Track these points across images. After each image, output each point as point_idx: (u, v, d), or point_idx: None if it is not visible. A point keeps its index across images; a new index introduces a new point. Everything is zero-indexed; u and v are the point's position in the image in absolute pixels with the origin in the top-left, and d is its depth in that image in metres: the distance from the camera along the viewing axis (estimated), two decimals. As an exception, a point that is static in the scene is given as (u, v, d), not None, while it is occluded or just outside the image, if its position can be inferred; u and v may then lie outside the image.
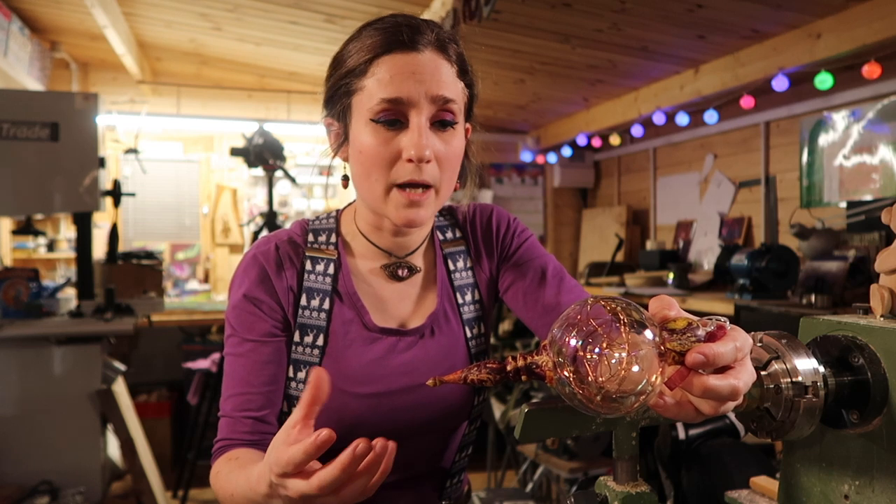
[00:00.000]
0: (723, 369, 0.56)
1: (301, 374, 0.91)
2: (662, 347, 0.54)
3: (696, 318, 0.57)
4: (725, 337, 0.56)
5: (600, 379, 0.53)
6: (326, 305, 0.93)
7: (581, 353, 0.54)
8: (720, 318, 0.57)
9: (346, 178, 0.95)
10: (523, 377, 0.60)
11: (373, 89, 0.84)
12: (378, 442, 0.62)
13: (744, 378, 0.56)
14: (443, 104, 0.85)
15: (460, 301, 1.00)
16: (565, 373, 0.55)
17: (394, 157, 0.84)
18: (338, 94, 0.90)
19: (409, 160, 0.83)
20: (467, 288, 1.01)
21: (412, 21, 0.88)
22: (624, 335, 0.53)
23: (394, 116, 0.84)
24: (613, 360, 0.53)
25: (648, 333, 0.54)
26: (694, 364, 0.54)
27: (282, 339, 0.91)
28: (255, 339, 0.90)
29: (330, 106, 0.93)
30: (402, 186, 0.85)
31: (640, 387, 0.53)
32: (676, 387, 0.56)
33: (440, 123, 0.86)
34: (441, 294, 0.99)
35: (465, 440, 1.02)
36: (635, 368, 0.52)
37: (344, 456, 0.60)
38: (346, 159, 0.93)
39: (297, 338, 0.92)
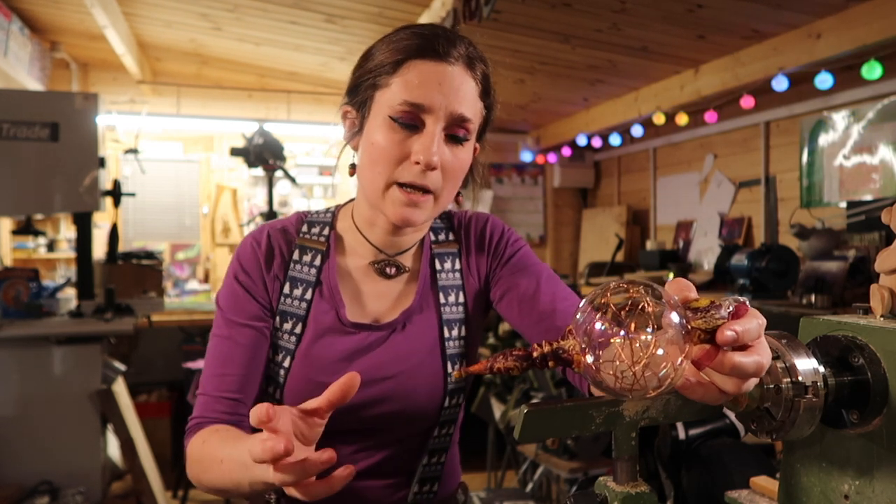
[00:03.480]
0: (743, 347, 0.56)
1: (279, 358, 0.94)
2: (689, 326, 0.54)
3: (716, 298, 0.58)
4: (748, 314, 0.56)
5: (628, 362, 0.53)
6: (308, 296, 0.96)
7: (607, 337, 0.54)
8: (738, 297, 0.58)
9: (353, 167, 0.97)
10: (550, 363, 0.60)
11: (398, 89, 0.87)
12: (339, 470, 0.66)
13: (765, 354, 0.57)
14: (460, 121, 0.88)
15: (442, 301, 1.00)
16: (592, 356, 0.55)
17: (402, 157, 0.87)
18: (363, 85, 0.92)
19: (417, 163, 0.86)
20: (452, 289, 1.02)
21: (449, 34, 0.91)
22: (650, 316, 0.53)
23: (412, 119, 0.86)
24: (639, 343, 0.53)
25: (674, 314, 0.54)
26: (725, 341, 0.54)
27: (265, 325, 0.95)
28: (241, 322, 0.93)
29: (352, 95, 0.95)
30: (404, 186, 0.88)
31: (666, 369, 0.53)
32: (706, 366, 0.56)
33: (452, 137, 0.89)
34: (420, 291, 0.99)
35: (434, 444, 1.00)
36: (661, 350, 0.53)
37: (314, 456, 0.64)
38: (355, 148, 0.95)
39: (277, 323, 0.95)
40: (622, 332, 0.53)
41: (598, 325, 0.54)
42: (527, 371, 0.61)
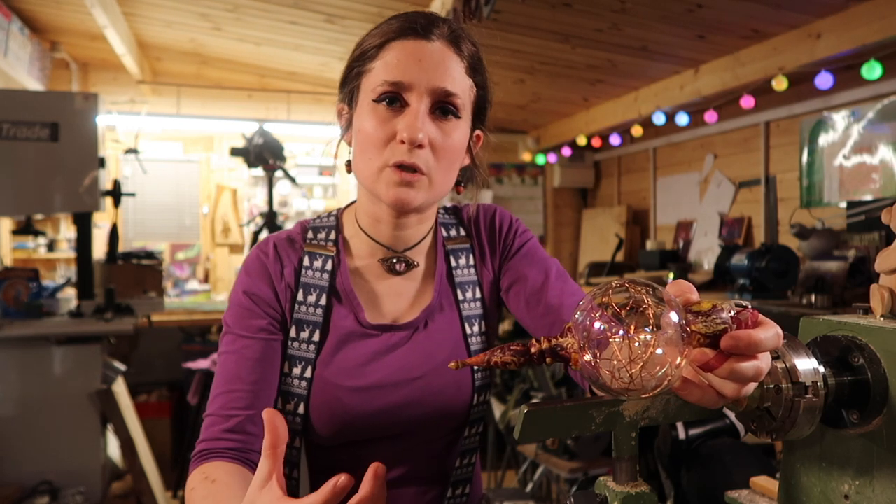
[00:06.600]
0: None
1: (297, 370, 0.91)
2: (689, 329, 0.54)
3: (717, 301, 0.57)
4: (766, 324, 0.56)
5: (625, 362, 0.53)
6: (323, 302, 0.93)
7: (606, 336, 0.53)
8: (741, 302, 0.57)
9: (349, 163, 0.94)
10: (548, 360, 0.59)
11: (379, 71, 0.86)
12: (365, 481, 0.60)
13: (765, 359, 0.56)
14: (444, 96, 0.86)
15: (461, 297, 0.99)
16: (589, 355, 0.54)
17: (389, 138, 0.85)
18: (350, 77, 0.92)
19: (402, 142, 0.84)
20: (469, 285, 1.00)
21: (431, 15, 0.90)
22: (650, 318, 0.52)
23: (392, 97, 0.85)
24: (638, 343, 0.52)
25: (674, 316, 0.53)
26: (727, 347, 0.54)
27: (276, 339, 0.91)
28: (249, 336, 0.90)
29: (342, 89, 0.94)
30: (395, 166, 0.86)
31: (664, 370, 0.53)
32: (714, 370, 0.56)
33: (441, 111, 0.87)
34: (438, 288, 0.98)
35: (465, 444, 0.99)
36: (660, 351, 0.52)
37: (325, 489, 0.59)
38: (350, 143, 0.94)
39: (293, 333, 0.92)
40: (621, 332, 0.53)
41: (597, 324, 0.54)
42: (524, 366, 0.61)
